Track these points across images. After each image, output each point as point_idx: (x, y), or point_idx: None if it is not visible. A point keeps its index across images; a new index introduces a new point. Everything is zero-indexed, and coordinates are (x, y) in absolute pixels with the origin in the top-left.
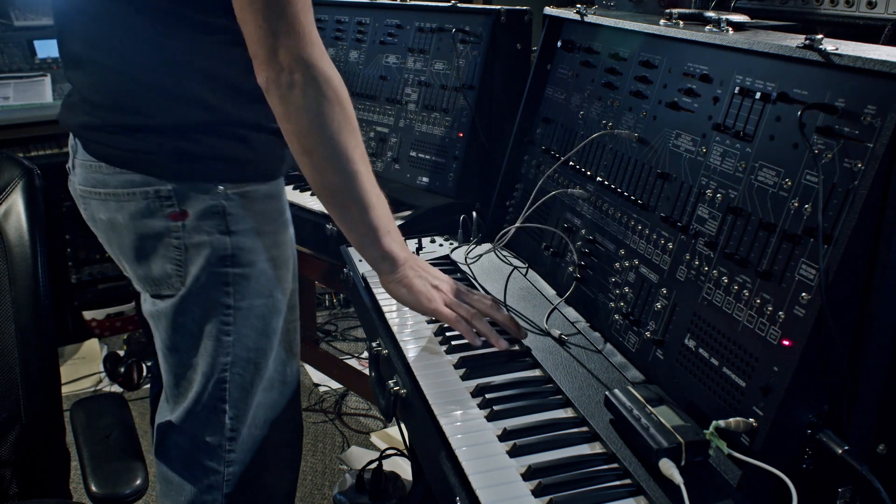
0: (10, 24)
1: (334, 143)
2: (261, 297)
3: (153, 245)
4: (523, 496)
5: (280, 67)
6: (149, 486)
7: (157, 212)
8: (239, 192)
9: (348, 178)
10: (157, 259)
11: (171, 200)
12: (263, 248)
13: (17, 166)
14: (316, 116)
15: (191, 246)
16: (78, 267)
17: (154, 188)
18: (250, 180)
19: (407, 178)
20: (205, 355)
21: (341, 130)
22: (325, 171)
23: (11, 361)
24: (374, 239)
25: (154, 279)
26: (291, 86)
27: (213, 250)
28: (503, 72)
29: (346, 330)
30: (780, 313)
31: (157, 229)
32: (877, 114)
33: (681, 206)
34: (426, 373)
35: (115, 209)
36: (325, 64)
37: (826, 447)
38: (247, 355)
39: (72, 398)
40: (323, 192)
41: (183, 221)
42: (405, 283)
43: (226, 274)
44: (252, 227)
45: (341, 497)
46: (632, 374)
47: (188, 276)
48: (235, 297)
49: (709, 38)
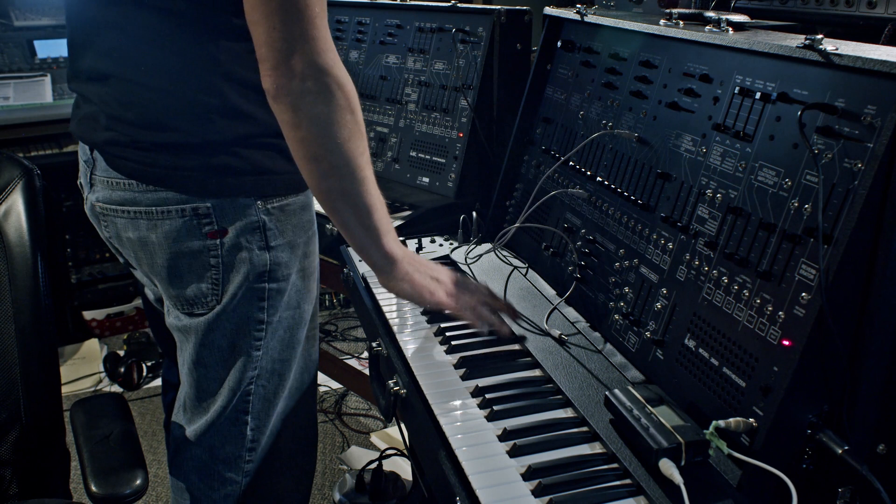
0: (10, 24)
1: (343, 150)
2: (290, 309)
3: (188, 264)
4: (523, 496)
5: (292, 74)
6: (148, 486)
7: (195, 230)
8: (278, 206)
9: (354, 185)
10: (193, 278)
11: (210, 218)
12: (297, 260)
13: (17, 166)
14: (327, 125)
15: (229, 264)
16: (78, 267)
17: (191, 206)
18: (288, 193)
19: (407, 178)
20: (234, 370)
21: (351, 138)
22: (331, 178)
23: (11, 361)
24: (375, 241)
25: (188, 299)
26: (304, 93)
27: (253, 267)
28: (503, 72)
29: (346, 330)
30: (780, 313)
31: (194, 248)
32: (877, 114)
33: (681, 206)
34: (426, 373)
35: (146, 227)
36: (340, 70)
37: (826, 447)
38: (272, 367)
39: (72, 398)
40: (325, 197)
41: (221, 239)
42: (406, 279)
43: (263, 289)
44: (289, 240)
45: (341, 497)
46: (632, 374)
47: (224, 295)
48: (269, 311)
49: (709, 38)
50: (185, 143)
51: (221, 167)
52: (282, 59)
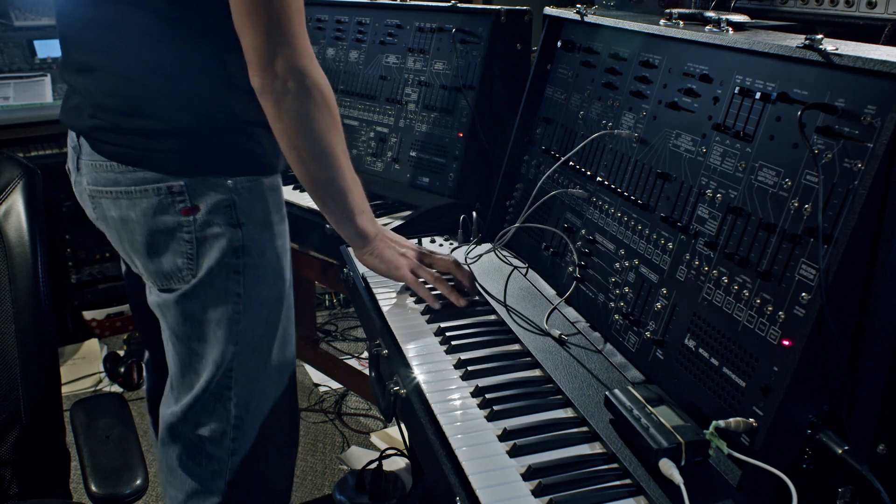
0: (10, 24)
1: (320, 141)
2: (267, 286)
3: (165, 240)
4: (523, 496)
5: (275, 75)
6: (148, 486)
7: (169, 207)
8: (247, 186)
9: (331, 171)
10: (168, 254)
11: (183, 196)
12: (270, 238)
13: (18, 166)
14: (305, 118)
15: (202, 239)
16: (78, 267)
17: (166, 185)
18: (257, 174)
19: (407, 178)
20: (215, 344)
21: (328, 130)
22: (311, 165)
23: (11, 361)
24: (349, 219)
25: (165, 273)
26: (285, 92)
27: (226, 242)
28: (503, 72)
29: (346, 330)
30: (780, 313)
31: (169, 225)
32: (877, 114)
33: (681, 206)
34: (426, 373)
35: (126, 206)
36: (316, 72)
37: (826, 447)
38: (253, 343)
39: (72, 398)
40: (307, 181)
41: (194, 216)
42: (377, 254)
43: (238, 264)
44: (260, 219)
45: (341, 497)
46: (632, 374)
47: (199, 269)
48: (245, 285)
49: (709, 38)
50: (161, 129)
51: (194, 149)
52: (266, 62)
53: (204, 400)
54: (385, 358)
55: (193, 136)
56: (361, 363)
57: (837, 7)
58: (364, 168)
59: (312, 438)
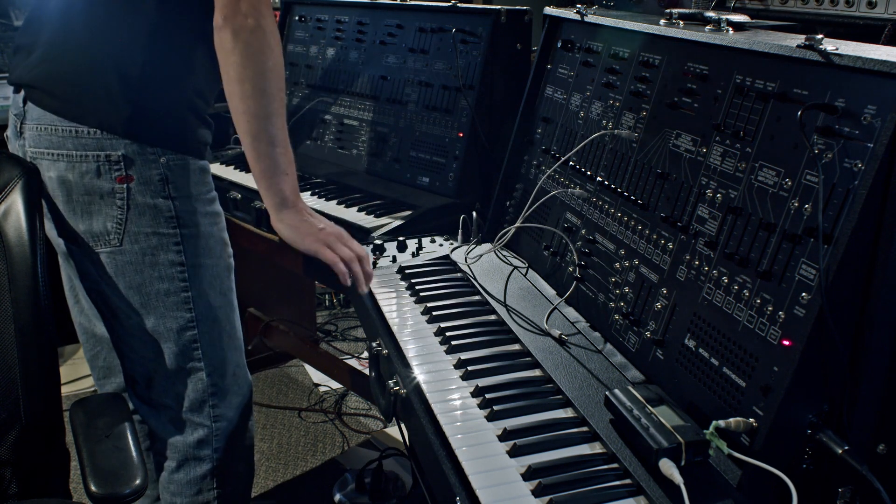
0: (9, 24)
1: (265, 80)
2: (211, 257)
3: (98, 203)
4: (523, 496)
5: (238, 11)
6: (148, 485)
7: (106, 174)
8: (179, 164)
9: (268, 112)
10: (100, 216)
11: (119, 165)
12: (204, 213)
13: (17, 165)
14: (258, 54)
15: (133, 207)
16: None
17: (105, 153)
18: (189, 154)
19: (407, 178)
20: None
21: (273, 72)
22: (251, 100)
23: (11, 361)
24: (273, 174)
25: (94, 234)
26: (245, 27)
27: (158, 211)
28: (503, 72)
29: (346, 330)
30: (780, 313)
31: (104, 189)
32: (877, 114)
33: (681, 206)
34: (426, 373)
35: (65, 168)
36: (272, 22)
37: (826, 447)
38: (210, 313)
39: (72, 398)
40: (242, 118)
41: (128, 184)
42: (291, 222)
43: (175, 234)
44: (191, 193)
45: (341, 497)
46: (632, 374)
47: (127, 234)
48: (187, 254)
49: (709, 38)
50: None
51: (134, 114)
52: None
53: (176, 370)
54: (385, 358)
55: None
56: (361, 363)
57: (837, 7)
58: (364, 168)
59: (312, 438)
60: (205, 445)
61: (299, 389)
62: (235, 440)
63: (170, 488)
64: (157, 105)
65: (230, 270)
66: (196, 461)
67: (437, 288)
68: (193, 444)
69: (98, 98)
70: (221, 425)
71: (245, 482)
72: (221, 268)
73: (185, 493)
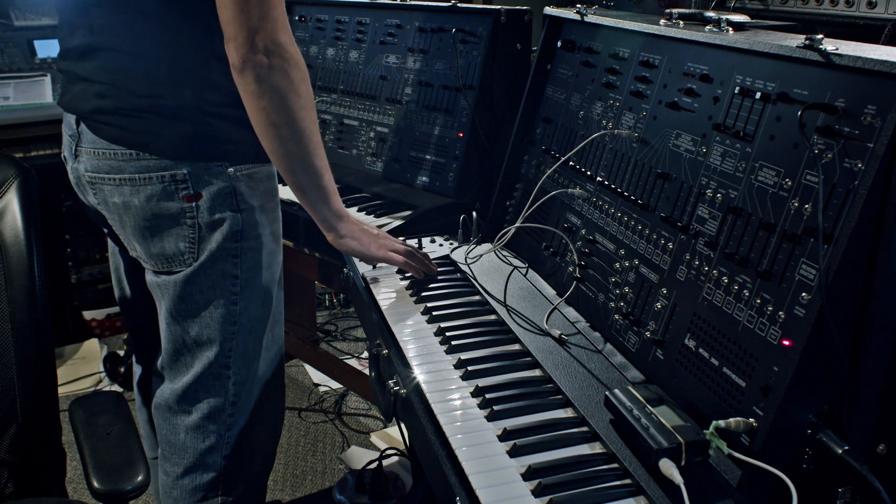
0: (10, 24)
1: (298, 118)
2: (264, 269)
3: (168, 225)
4: (523, 496)
5: (257, 50)
6: (150, 482)
7: (173, 195)
8: (247, 173)
9: (308, 148)
10: (171, 238)
11: (186, 184)
12: (267, 223)
13: (13, 166)
14: (286, 94)
15: (204, 225)
16: (78, 267)
17: (170, 173)
18: (255, 161)
19: (407, 178)
20: (213, 324)
21: (305, 107)
22: (289, 142)
23: (8, 361)
24: (325, 199)
25: (167, 256)
26: (270, 68)
27: (227, 227)
28: (503, 72)
29: (346, 330)
30: (780, 313)
31: (173, 211)
32: (877, 114)
33: (681, 206)
34: (426, 373)
35: (129, 193)
36: (294, 47)
37: (826, 447)
38: (251, 324)
39: (72, 398)
40: (283, 159)
41: (197, 202)
42: (354, 236)
43: (236, 248)
44: (258, 204)
45: (341, 497)
46: (632, 374)
47: (201, 253)
48: (242, 267)
49: (709, 38)
50: (170, 108)
51: (196, 135)
52: (248, 37)
53: (204, 378)
54: (385, 358)
55: (199, 120)
56: (361, 363)
57: (837, 7)
58: (364, 168)
59: (312, 438)
60: (214, 452)
61: (299, 389)
62: (248, 448)
63: (172, 493)
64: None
65: (275, 284)
66: (203, 468)
67: (437, 288)
68: (204, 450)
69: (156, 125)
70: (233, 433)
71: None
72: (269, 281)
73: (188, 500)
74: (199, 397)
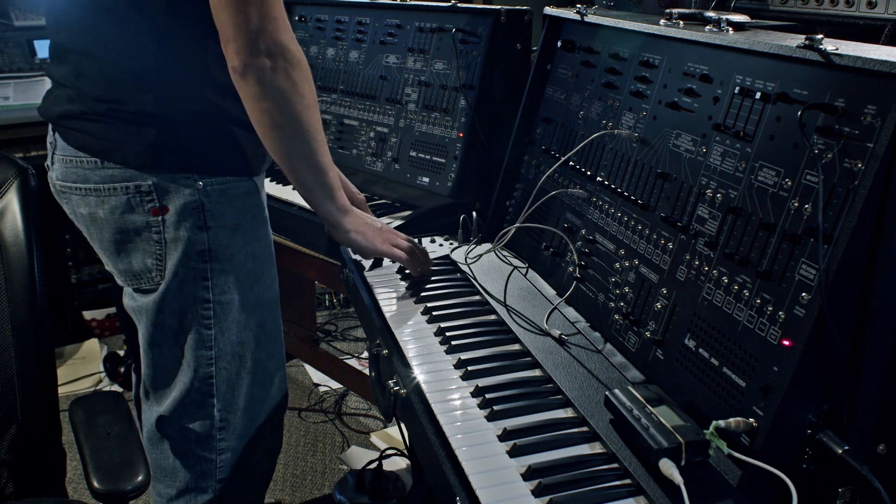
0: (10, 24)
1: (303, 117)
2: (241, 292)
3: (133, 239)
4: (523, 496)
5: (259, 52)
6: (150, 482)
7: (138, 207)
8: (218, 188)
9: (312, 147)
10: (138, 253)
11: (152, 196)
12: (244, 242)
13: (12, 166)
14: (290, 96)
15: (170, 240)
16: (78, 267)
17: (135, 183)
18: (229, 174)
19: (407, 178)
20: (187, 349)
21: (309, 106)
22: (293, 142)
23: (8, 361)
24: (330, 195)
25: (134, 273)
26: (273, 70)
27: (191, 245)
28: (503, 72)
29: (346, 330)
30: (780, 313)
31: (138, 224)
32: (877, 114)
33: (681, 206)
34: (426, 373)
35: (95, 204)
36: (296, 46)
37: (826, 447)
38: (231, 349)
39: (72, 398)
40: (287, 159)
41: (163, 216)
42: (361, 231)
43: (205, 269)
44: (231, 223)
45: (341, 497)
46: (632, 374)
47: (167, 271)
48: (214, 290)
49: (709, 38)
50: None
51: (164, 143)
52: (249, 38)
53: (186, 405)
54: (385, 358)
55: (165, 127)
56: (361, 363)
57: (837, 7)
58: (364, 168)
59: (312, 438)
60: (207, 477)
61: (299, 389)
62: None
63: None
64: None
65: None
66: (197, 491)
67: (438, 288)
68: (196, 475)
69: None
70: (226, 457)
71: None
72: (251, 304)
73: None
74: (184, 423)
